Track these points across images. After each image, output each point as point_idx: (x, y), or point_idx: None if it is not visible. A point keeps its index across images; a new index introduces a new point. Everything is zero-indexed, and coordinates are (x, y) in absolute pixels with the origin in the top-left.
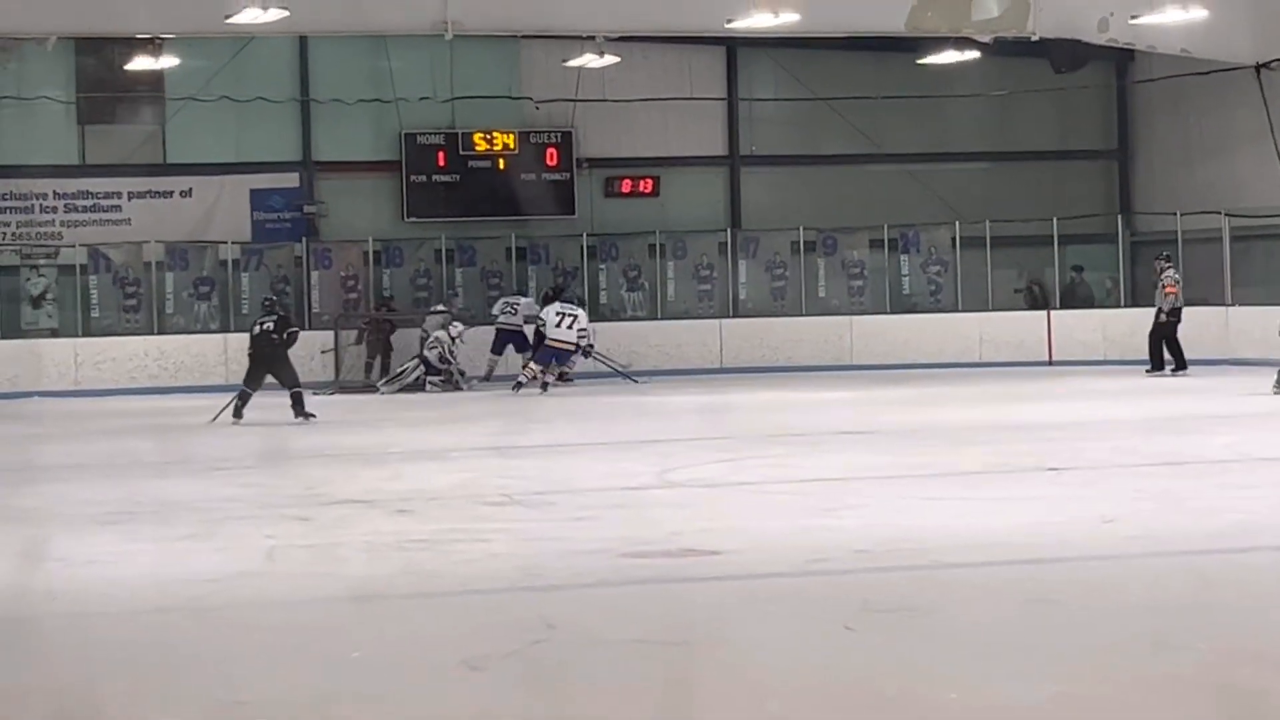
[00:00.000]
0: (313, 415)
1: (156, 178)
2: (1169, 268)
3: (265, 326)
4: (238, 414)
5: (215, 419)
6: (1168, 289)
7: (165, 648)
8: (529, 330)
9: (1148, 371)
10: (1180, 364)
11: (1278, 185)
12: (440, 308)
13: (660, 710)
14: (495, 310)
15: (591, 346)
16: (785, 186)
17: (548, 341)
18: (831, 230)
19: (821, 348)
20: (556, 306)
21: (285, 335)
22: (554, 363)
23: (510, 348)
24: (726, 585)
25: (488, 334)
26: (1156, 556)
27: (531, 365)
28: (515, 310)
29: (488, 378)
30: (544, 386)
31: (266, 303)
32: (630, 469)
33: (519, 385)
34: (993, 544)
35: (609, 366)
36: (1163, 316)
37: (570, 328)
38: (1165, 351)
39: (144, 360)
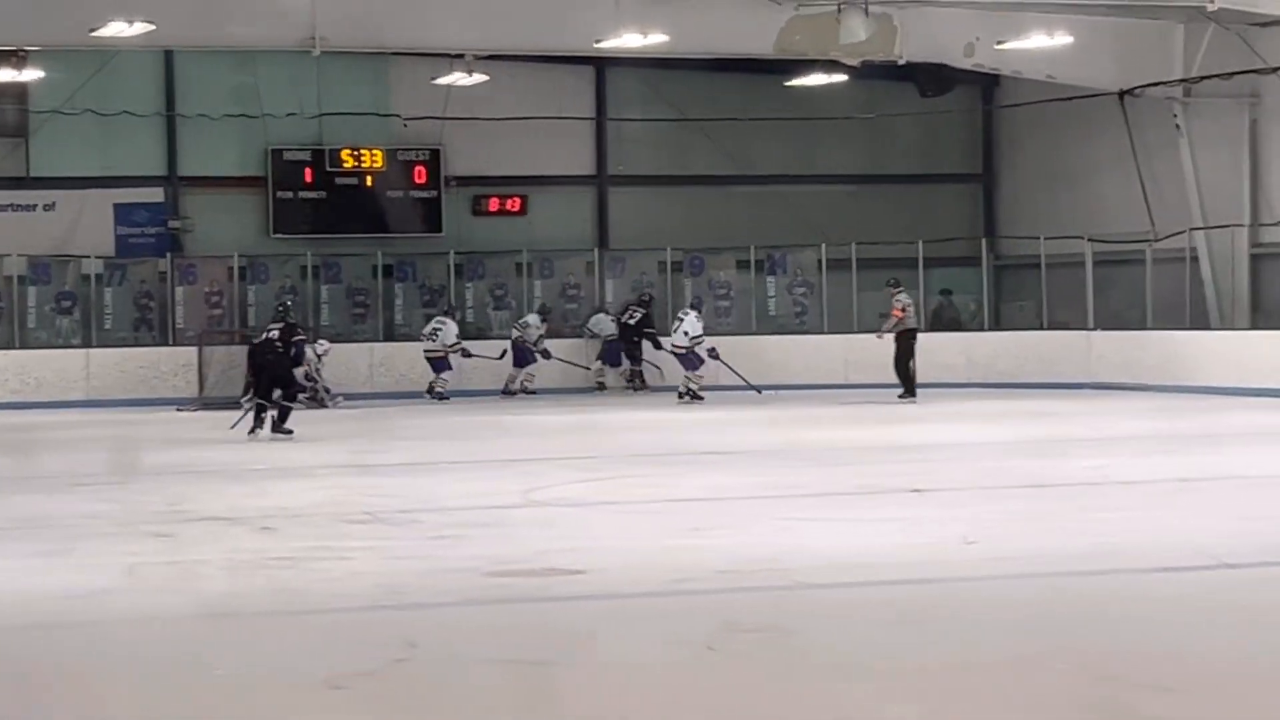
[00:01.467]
0: (290, 431)
1: (19, 190)
2: (898, 292)
3: (269, 335)
4: (256, 428)
5: (234, 426)
6: (894, 312)
7: (23, 665)
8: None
9: (900, 398)
10: (909, 390)
11: (1140, 211)
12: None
13: None
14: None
15: (715, 352)
16: (653, 206)
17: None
18: (698, 250)
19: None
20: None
21: (291, 344)
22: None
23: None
24: (590, 604)
25: (347, 350)
26: (1019, 578)
27: (689, 375)
28: (526, 326)
29: (528, 391)
30: (694, 395)
31: (280, 309)
32: (496, 488)
33: (683, 395)
34: (857, 565)
35: (739, 376)
36: (888, 339)
37: (677, 330)
38: (902, 374)
39: (4, 375)
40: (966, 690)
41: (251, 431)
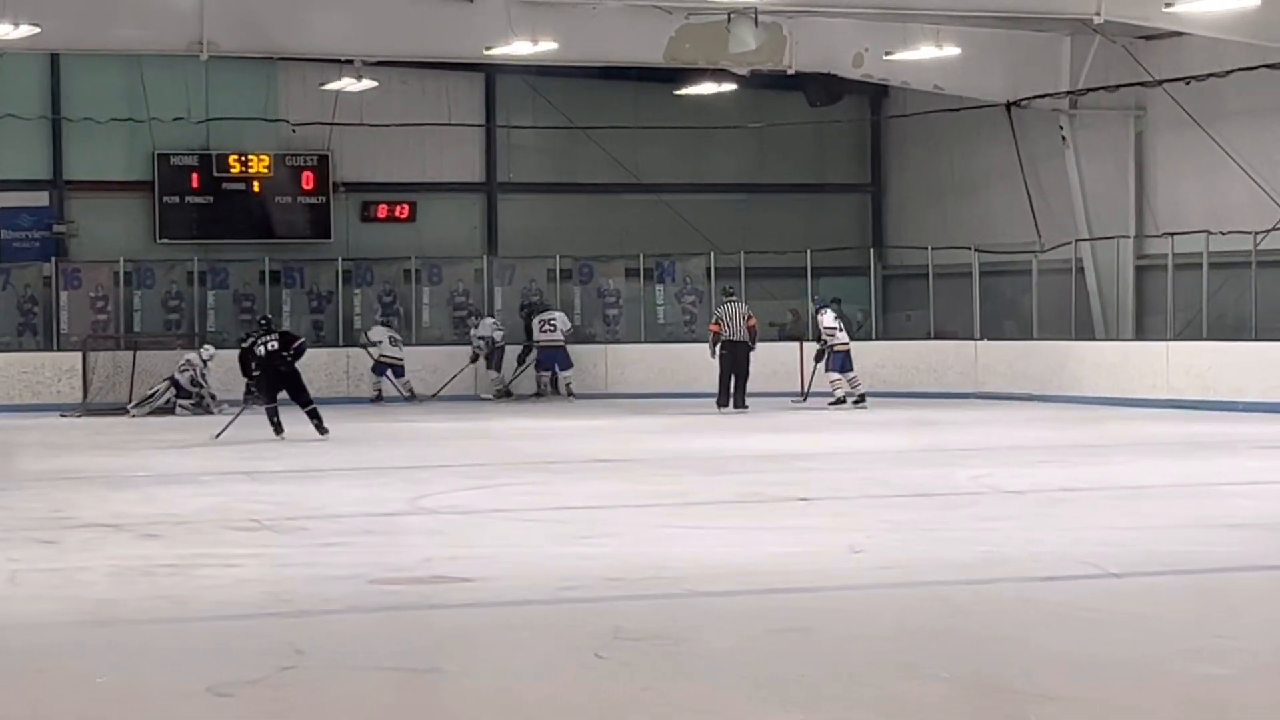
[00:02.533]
0: (327, 430)
1: None
2: (725, 301)
3: (270, 346)
4: (279, 430)
5: (219, 435)
6: (709, 326)
7: None
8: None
9: (719, 406)
10: (721, 399)
11: (1027, 222)
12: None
13: None
14: (535, 329)
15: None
16: (542, 214)
17: (836, 348)
18: (588, 258)
19: (577, 375)
20: (833, 311)
21: (293, 351)
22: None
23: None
24: (478, 612)
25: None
26: (904, 586)
27: (839, 376)
28: (554, 327)
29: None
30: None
31: (263, 321)
32: (383, 495)
33: (850, 399)
34: (744, 573)
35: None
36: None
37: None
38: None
39: None
40: (851, 699)
41: (280, 433)
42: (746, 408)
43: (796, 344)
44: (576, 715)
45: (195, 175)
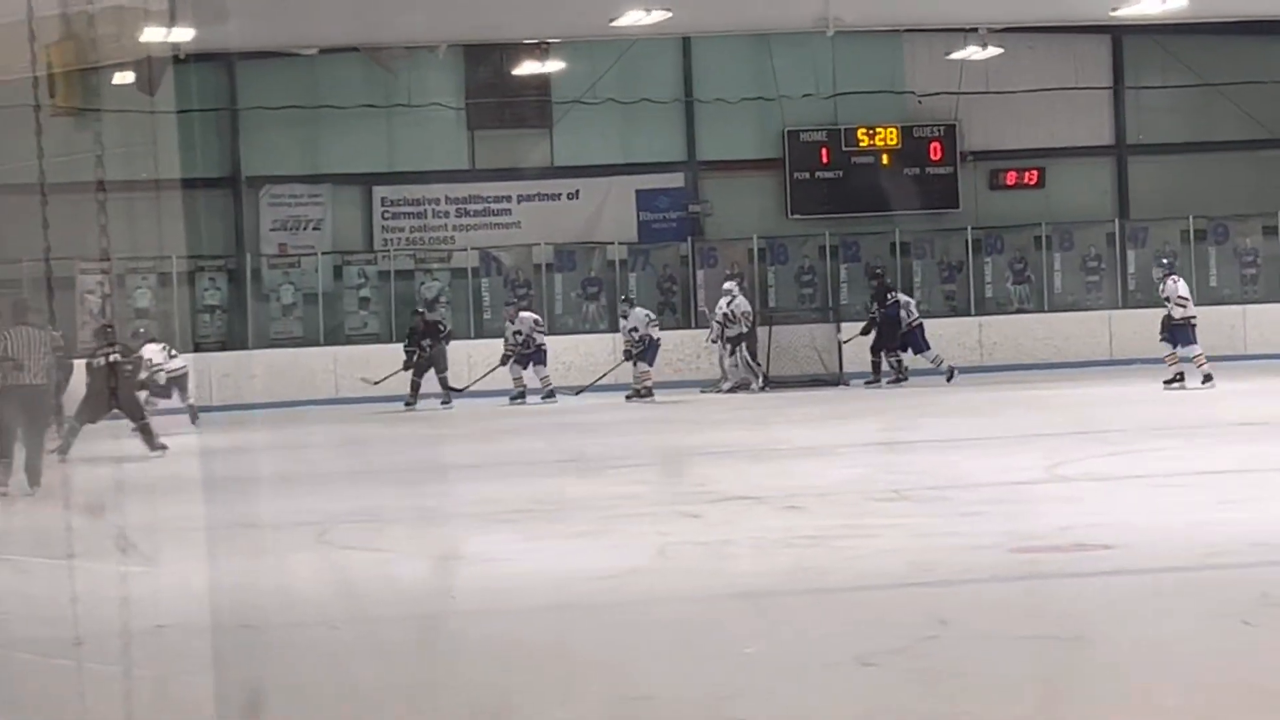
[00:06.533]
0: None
1: (544, 180)
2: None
3: (112, 357)
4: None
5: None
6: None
7: (563, 644)
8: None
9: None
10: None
11: None
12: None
13: (1052, 706)
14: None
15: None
16: (1174, 175)
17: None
18: (1223, 218)
19: (1213, 337)
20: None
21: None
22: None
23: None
24: (1119, 580)
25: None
26: None
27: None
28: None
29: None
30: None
31: (109, 330)
32: (1019, 463)
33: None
34: None
35: None
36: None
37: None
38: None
39: None
40: None
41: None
42: None
43: None
44: (1224, 682)
45: (824, 150)
